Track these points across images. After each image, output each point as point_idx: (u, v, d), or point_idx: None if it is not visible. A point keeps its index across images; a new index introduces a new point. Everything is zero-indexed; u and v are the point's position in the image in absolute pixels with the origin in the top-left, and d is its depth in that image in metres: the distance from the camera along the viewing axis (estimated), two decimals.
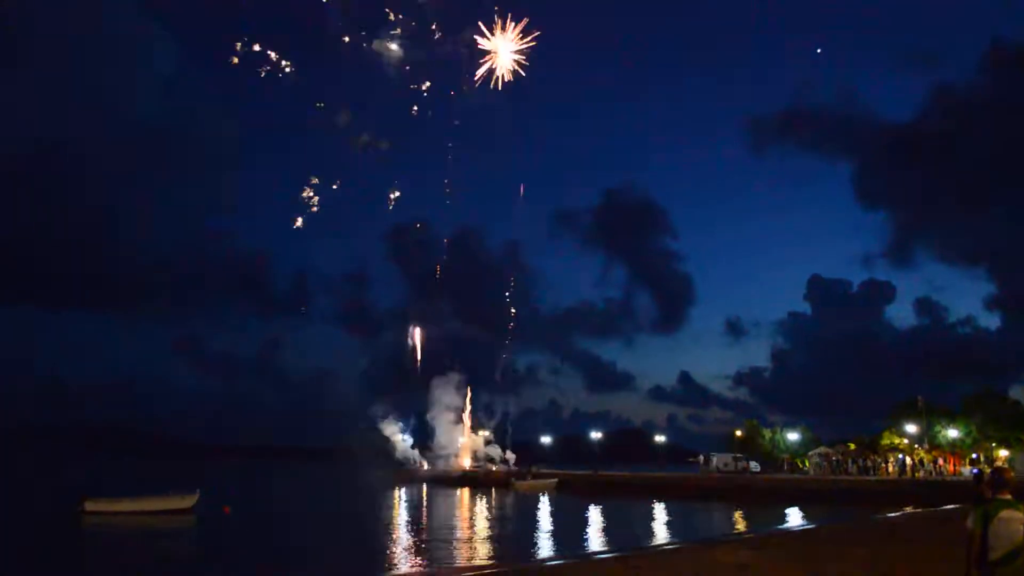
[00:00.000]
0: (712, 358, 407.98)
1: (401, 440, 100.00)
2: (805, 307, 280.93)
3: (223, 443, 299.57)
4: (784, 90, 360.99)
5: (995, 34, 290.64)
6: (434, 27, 50.60)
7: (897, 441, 77.32)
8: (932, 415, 75.47)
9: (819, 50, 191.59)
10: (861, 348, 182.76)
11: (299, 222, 62.49)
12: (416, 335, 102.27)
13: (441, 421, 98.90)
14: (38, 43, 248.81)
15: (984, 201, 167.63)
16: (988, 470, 8.25)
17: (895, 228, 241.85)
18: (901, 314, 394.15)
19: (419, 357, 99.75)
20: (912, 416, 74.39)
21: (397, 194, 62.33)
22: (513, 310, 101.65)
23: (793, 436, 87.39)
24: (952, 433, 74.15)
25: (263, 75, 56.27)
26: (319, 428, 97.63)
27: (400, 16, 50.68)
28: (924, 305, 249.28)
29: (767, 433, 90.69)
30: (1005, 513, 6.65)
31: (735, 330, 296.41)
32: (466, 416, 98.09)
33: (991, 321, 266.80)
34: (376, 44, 52.61)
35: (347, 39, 53.26)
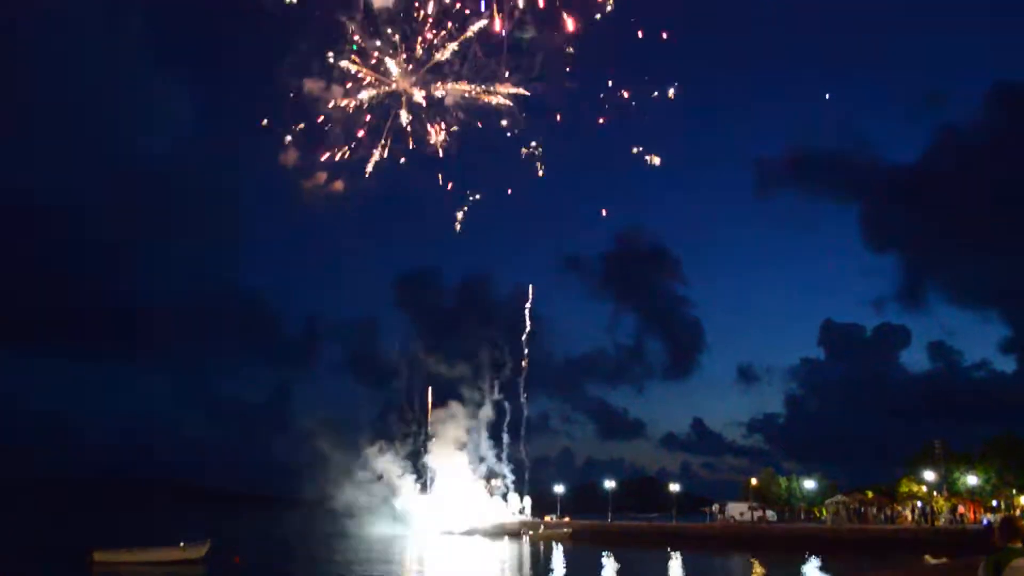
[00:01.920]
0: (725, 405, 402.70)
1: (405, 486, 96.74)
2: (818, 352, 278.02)
3: (230, 491, 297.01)
4: (789, 133, 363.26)
5: (997, 75, 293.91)
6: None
7: (916, 488, 75.96)
8: (951, 461, 74.25)
9: (827, 95, 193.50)
10: (876, 394, 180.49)
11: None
12: None
13: (442, 461, 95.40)
14: (52, 88, 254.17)
15: (993, 243, 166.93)
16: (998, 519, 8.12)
17: (905, 271, 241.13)
18: (915, 358, 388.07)
19: None
20: (930, 462, 73.22)
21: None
22: (524, 359, 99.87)
23: (810, 484, 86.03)
24: (971, 480, 72.85)
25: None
26: (325, 477, 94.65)
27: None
28: (938, 349, 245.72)
29: (783, 481, 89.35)
30: (1016, 562, 6.65)
31: (747, 376, 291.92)
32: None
33: (1007, 365, 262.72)
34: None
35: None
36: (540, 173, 54.80)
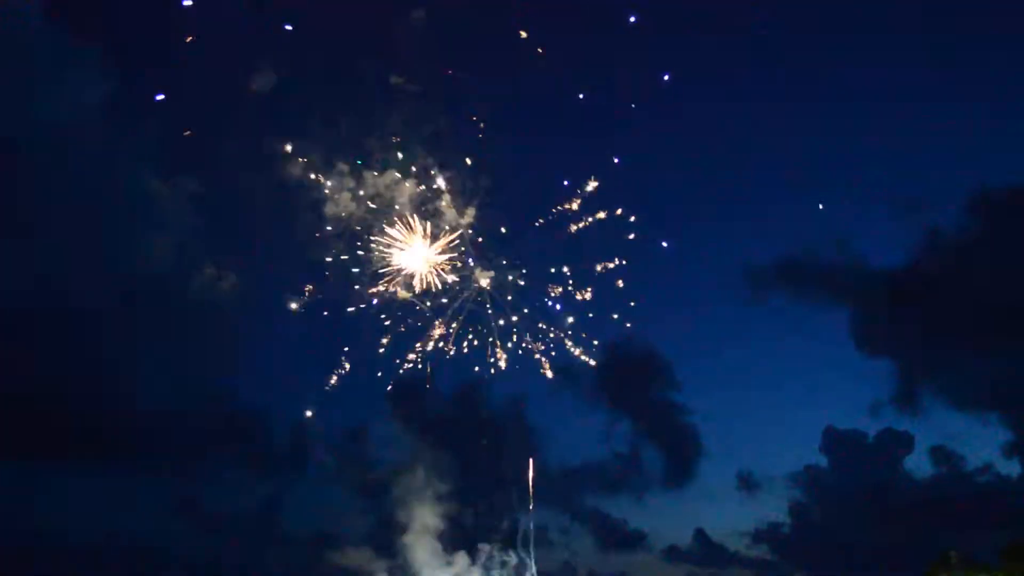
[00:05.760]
0: (727, 514, 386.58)
1: None
2: (821, 459, 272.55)
3: None
4: (776, 240, 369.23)
5: (980, 178, 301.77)
6: None
7: None
8: (969, 570, 71.57)
9: (821, 206, 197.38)
10: (882, 501, 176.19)
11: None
12: None
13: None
14: (50, 188, 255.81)
15: (986, 345, 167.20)
16: None
17: (899, 375, 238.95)
18: (918, 463, 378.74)
19: None
20: (947, 572, 70.61)
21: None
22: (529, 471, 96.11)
23: None
24: None
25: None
26: None
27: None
28: (940, 454, 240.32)
29: None
30: None
31: (748, 484, 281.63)
32: None
33: (1011, 468, 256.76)
34: None
35: None
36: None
